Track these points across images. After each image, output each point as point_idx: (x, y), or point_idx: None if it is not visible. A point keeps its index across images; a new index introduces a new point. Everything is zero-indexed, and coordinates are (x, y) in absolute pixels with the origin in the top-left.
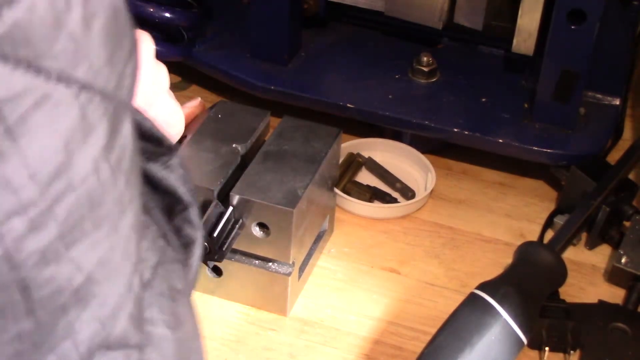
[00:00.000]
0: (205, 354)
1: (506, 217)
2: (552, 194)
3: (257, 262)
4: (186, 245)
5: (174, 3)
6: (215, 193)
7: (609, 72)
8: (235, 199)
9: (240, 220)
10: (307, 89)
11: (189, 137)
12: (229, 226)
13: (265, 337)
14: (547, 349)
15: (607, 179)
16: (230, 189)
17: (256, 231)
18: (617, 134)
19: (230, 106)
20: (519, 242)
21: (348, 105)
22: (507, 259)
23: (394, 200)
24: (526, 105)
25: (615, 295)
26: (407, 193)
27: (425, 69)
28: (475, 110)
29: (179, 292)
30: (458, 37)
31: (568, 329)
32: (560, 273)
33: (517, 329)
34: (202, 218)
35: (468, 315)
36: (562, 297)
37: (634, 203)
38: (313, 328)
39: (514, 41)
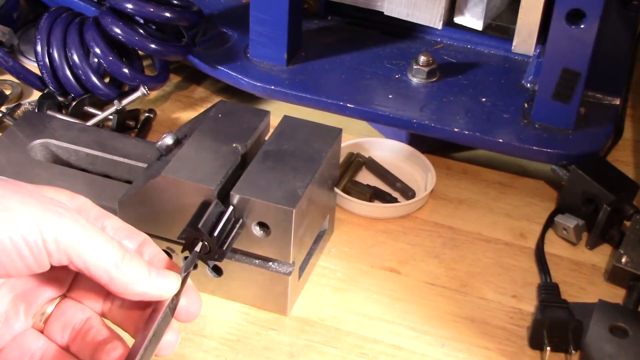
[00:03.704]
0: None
1: (506, 217)
2: (552, 194)
3: (257, 261)
4: None
5: (173, 3)
6: (216, 192)
7: (609, 72)
8: (235, 198)
9: (241, 220)
10: (307, 89)
11: (189, 137)
12: (229, 226)
13: (265, 336)
14: (548, 349)
15: None
16: (231, 189)
17: (256, 231)
18: (618, 133)
19: (230, 106)
20: (519, 242)
21: (348, 105)
22: (507, 259)
23: (394, 200)
24: (526, 105)
25: (615, 295)
26: (407, 193)
27: (425, 69)
28: (475, 110)
29: None
30: (458, 37)
31: (569, 329)
32: None
33: None
34: (202, 218)
35: None
36: (563, 297)
37: (634, 202)
38: (313, 328)
39: (514, 41)
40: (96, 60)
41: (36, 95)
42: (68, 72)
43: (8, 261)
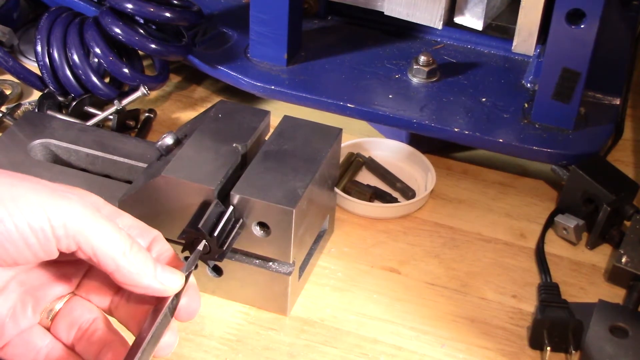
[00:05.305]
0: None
1: (506, 217)
2: (552, 194)
3: (257, 261)
4: None
5: (173, 3)
6: (216, 192)
7: (609, 72)
8: (235, 198)
9: (241, 220)
10: (307, 89)
11: (189, 137)
12: (230, 226)
13: (265, 336)
14: (548, 349)
15: None
16: (231, 189)
17: (256, 231)
18: (618, 133)
19: (230, 106)
20: (519, 242)
21: (348, 105)
22: (507, 259)
23: (394, 200)
24: (526, 105)
25: (615, 295)
26: (408, 193)
27: (425, 69)
28: (475, 110)
29: None
30: (458, 37)
31: (569, 329)
32: None
33: None
34: (202, 218)
35: None
36: (563, 297)
37: (634, 202)
38: (313, 328)
39: (514, 41)
40: (96, 60)
41: (36, 95)
42: (68, 72)
43: (14, 249)
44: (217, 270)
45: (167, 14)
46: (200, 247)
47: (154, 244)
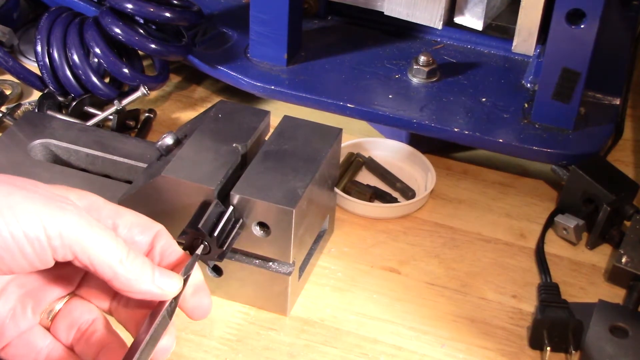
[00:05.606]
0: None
1: (506, 217)
2: (552, 194)
3: (257, 261)
4: None
5: (173, 3)
6: (216, 192)
7: (609, 72)
8: (235, 198)
9: (241, 220)
10: (307, 89)
11: (189, 137)
12: (230, 226)
13: (265, 337)
14: (548, 349)
15: None
16: (231, 189)
17: (256, 231)
18: (618, 133)
19: (230, 106)
20: (519, 242)
21: (348, 105)
22: (507, 259)
23: (394, 200)
24: (526, 105)
25: (615, 295)
26: (407, 193)
27: (425, 69)
28: (475, 110)
29: None
30: (458, 37)
31: (569, 329)
32: None
33: None
34: (202, 218)
35: None
36: (563, 297)
37: (635, 202)
38: (313, 328)
39: (514, 41)
40: (96, 60)
41: (36, 95)
42: (68, 72)
43: (10, 258)
44: (217, 270)
45: (167, 14)
46: (199, 251)
47: (157, 239)
